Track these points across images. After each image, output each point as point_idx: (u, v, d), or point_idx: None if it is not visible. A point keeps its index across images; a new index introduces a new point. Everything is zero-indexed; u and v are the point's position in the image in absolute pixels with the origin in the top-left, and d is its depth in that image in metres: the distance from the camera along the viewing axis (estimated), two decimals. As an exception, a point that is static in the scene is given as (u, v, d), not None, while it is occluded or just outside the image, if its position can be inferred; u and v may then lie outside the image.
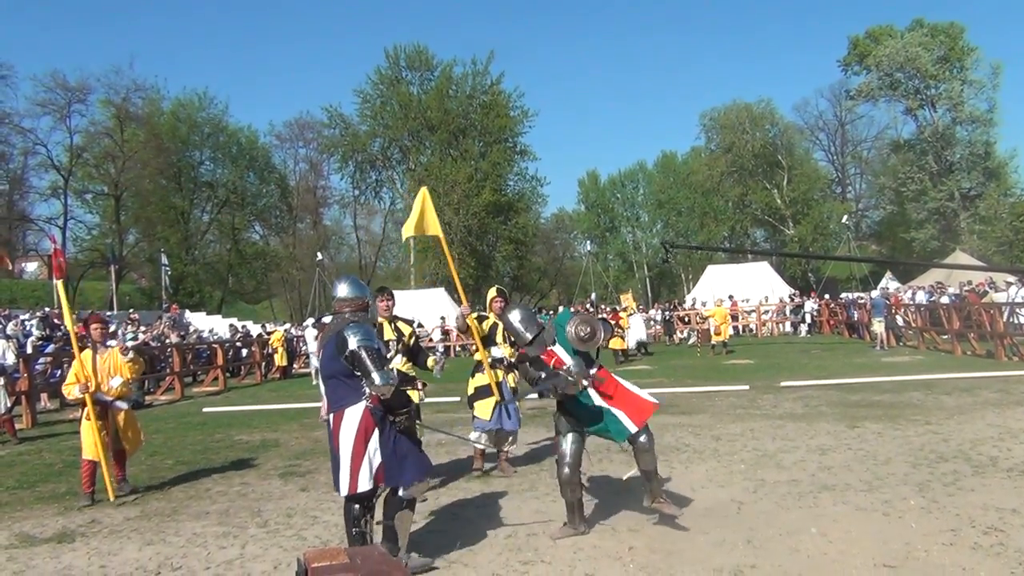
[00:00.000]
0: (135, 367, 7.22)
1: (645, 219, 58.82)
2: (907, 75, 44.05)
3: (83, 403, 6.93)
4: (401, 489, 4.44)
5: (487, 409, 6.96)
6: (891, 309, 21.70)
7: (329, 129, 53.10)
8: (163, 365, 19.78)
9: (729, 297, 27.97)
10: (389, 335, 6.41)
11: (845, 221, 43.99)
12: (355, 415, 4.36)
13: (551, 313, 17.86)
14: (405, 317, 6.91)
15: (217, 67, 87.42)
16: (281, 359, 22.41)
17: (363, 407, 4.38)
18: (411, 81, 51.60)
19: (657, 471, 5.18)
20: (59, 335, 18.78)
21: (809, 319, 30.02)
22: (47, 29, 76.79)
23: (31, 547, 5.46)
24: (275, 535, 5.46)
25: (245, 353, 24.03)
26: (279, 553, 5.02)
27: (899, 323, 22.11)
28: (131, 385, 7.79)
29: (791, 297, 32.73)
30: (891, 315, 21.45)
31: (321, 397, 4.68)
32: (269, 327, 31.03)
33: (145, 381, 17.62)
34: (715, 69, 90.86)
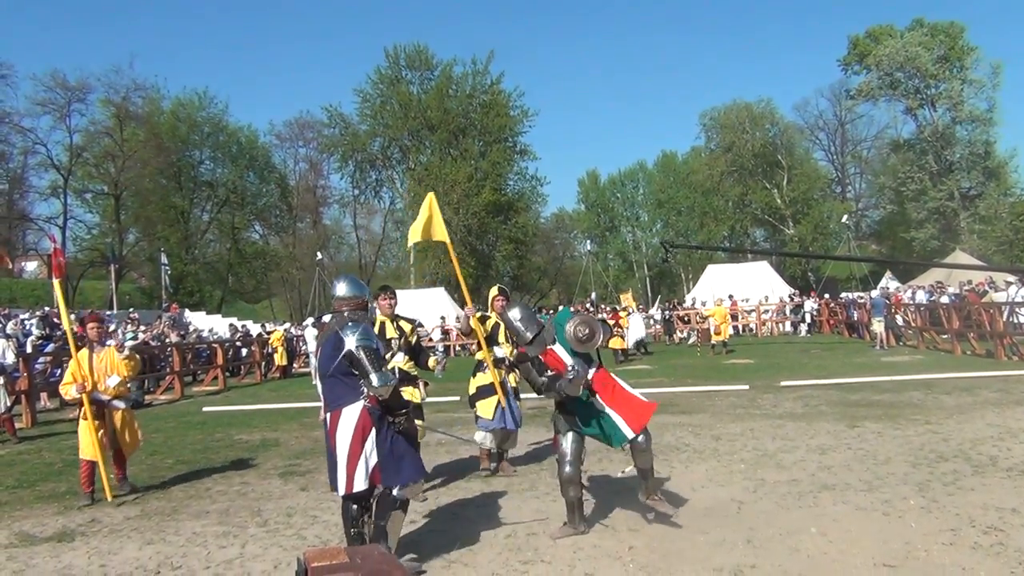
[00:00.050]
0: (131, 364, 7.21)
1: (645, 219, 58.91)
2: (907, 75, 44.07)
3: (81, 403, 6.93)
4: (396, 489, 4.41)
5: (489, 408, 6.95)
6: (891, 309, 21.70)
7: (329, 128, 53.27)
8: (163, 364, 19.78)
9: (729, 297, 27.97)
10: (391, 333, 6.41)
11: (845, 221, 44.02)
12: (352, 414, 4.35)
13: (551, 313, 17.87)
14: (407, 316, 6.91)
15: (217, 66, 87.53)
16: (281, 358, 22.42)
17: (361, 406, 4.36)
18: (411, 81, 51.70)
19: (653, 469, 5.21)
20: (59, 334, 18.77)
21: (809, 319, 30.00)
22: (47, 29, 76.99)
23: (31, 546, 5.46)
24: (275, 534, 5.46)
25: (245, 353, 24.04)
26: (279, 552, 5.02)
27: (899, 323, 22.11)
28: (129, 384, 7.78)
29: (791, 297, 32.71)
30: (891, 315, 21.45)
31: (320, 397, 4.66)
32: (269, 327, 31.05)
33: (145, 380, 17.62)
34: (715, 69, 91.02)
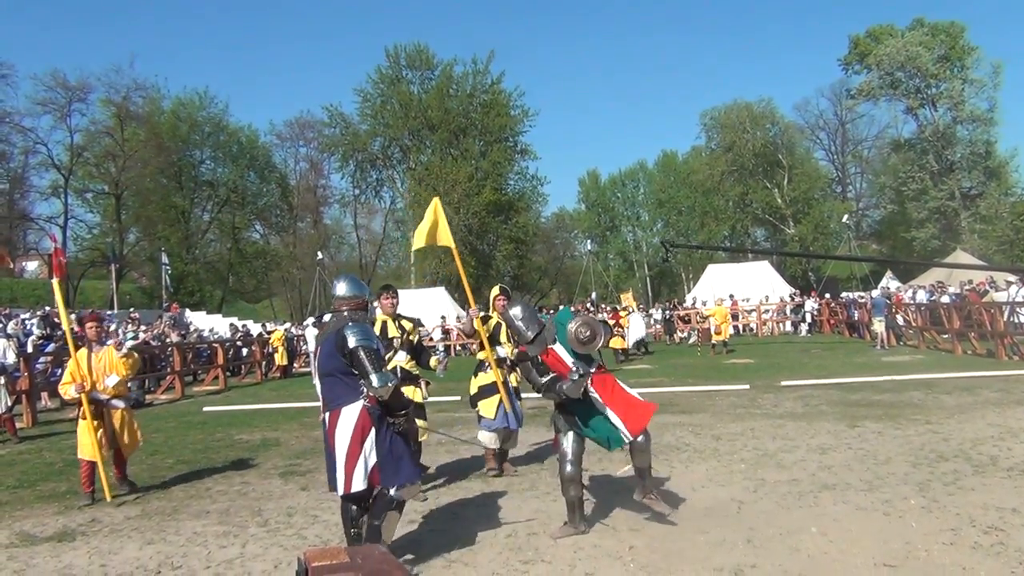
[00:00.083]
0: (129, 363, 7.18)
1: (645, 218, 58.94)
2: (908, 74, 44.03)
3: (79, 402, 6.91)
4: (394, 490, 4.38)
5: (491, 408, 6.95)
6: (891, 308, 21.69)
7: (329, 128, 53.23)
8: (163, 364, 19.78)
9: (729, 296, 27.97)
10: (393, 332, 6.41)
11: (845, 220, 44.01)
12: (352, 414, 4.33)
13: (551, 312, 17.88)
14: (408, 315, 6.90)
15: (217, 66, 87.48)
16: (282, 358, 22.43)
17: (360, 406, 4.34)
18: (411, 80, 51.70)
19: (651, 469, 5.24)
20: (59, 334, 18.76)
21: (809, 318, 29.99)
22: (47, 28, 76.93)
23: (31, 546, 5.46)
24: (275, 534, 5.47)
25: (245, 352, 24.06)
26: (279, 552, 5.03)
27: (899, 322, 22.10)
28: (129, 384, 7.77)
29: (791, 296, 32.69)
30: (891, 314, 21.44)
31: (318, 396, 4.64)
32: (269, 326, 31.07)
33: (145, 380, 17.63)
34: (715, 69, 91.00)
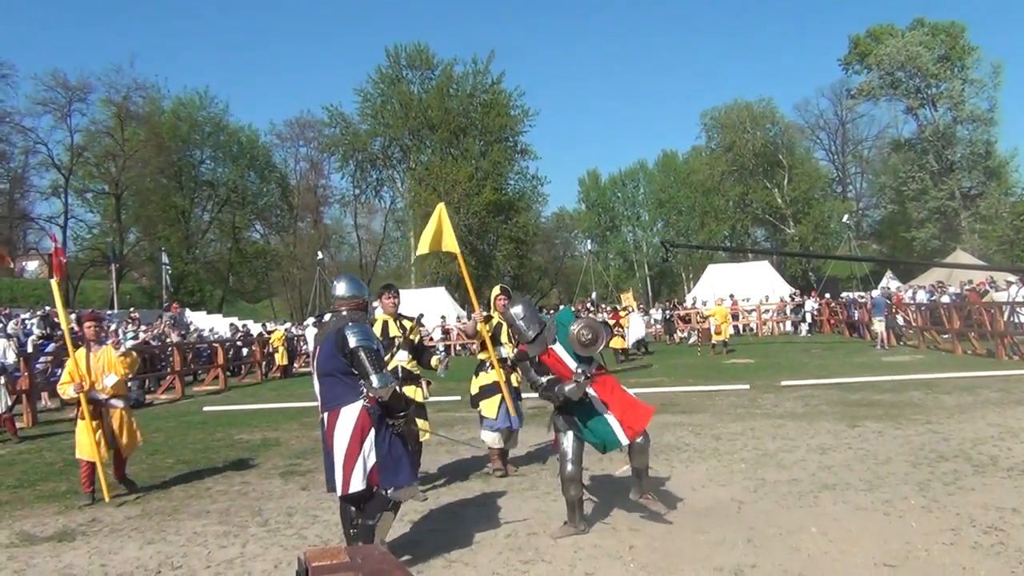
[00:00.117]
0: (127, 362, 7.16)
1: (646, 218, 58.91)
2: (908, 74, 44.02)
3: (78, 403, 6.89)
4: (391, 491, 4.36)
5: (493, 408, 6.94)
6: (892, 308, 21.68)
7: (330, 128, 53.14)
8: (164, 364, 19.78)
9: (730, 296, 27.96)
10: (394, 332, 6.41)
11: (846, 220, 43.98)
12: (352, 414, 4.31)
13: (551, 312, 17.84)
14: (409, 315, 6.89)
15: (217, 66, 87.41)
16: (282, 358, 22.43)
17: (360, 406, 4.32)
18: (412, 80, 51.63)
19: (648, 469, 5.27)
20: (59, 334, 18.76)
21: (809, 318, 29.98)
22: (48, 28, 76.90)
23: (32, 546, 5.47)
24: (276, 534, 5.47)
25: (246, 352, 24.05)
26: (279, 552, 5.03)
27: (900, 322, 22.09)
28: (129, 384, 7.76)
29: (792, 296, 32.68)
30: (891, 314, 21.43)
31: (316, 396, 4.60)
32: (270, 326, 31.05)
33: (146, 380, 17.64)
34: (715, 69, 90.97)
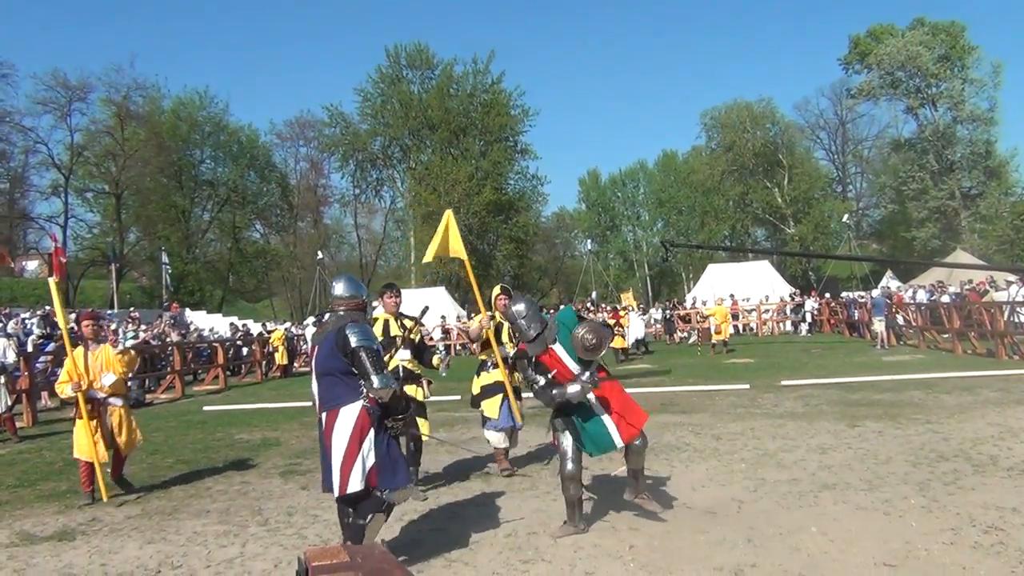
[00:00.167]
0: (126, 360, 7.14)
1: (646, 218, 58.93)
2: (908, 74, 44.00)
3: (76, 402, 6.87)
4: (387, 492, 4.33)
5: (495, 407, 6.93)
6: (892, 308, 21.68)
7: (330, 128, 53.17)
8: (164, 364, 19.79)
9: (730, 296, 27.96)
10: (395, 331, 6.40)
11: (846, 220, 43.99)
12: (351, 414, 4.29)
13: (551, 311, 17.84)
14: (411, 314, 6.88)
15: (218, 66, 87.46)
16: (282, 358, 22.43)
17: (360, 406, 4.30)
18: (412, 80, 51.65)
19: (643, 469, 5.30)
20: (59, 333, 18.76)
21: (810, 318, 29.98)
22: (48, 28, 76.91)
23: (32, 545, 5.47)
24: (276, 534, 5.47)
25: (246, 352, 24.06)
26: (279, 552, 5.03)
27: (900, 322, 22.09)
28: (128, 383, 7.74)
29: (792, 296, 32.69)
30: (891, 314, 21.43)
31: (313, 396, 4.56)
32: (270, 326, 31.06)
33: (146, 380, 17.64)
34: (715, 68, 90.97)
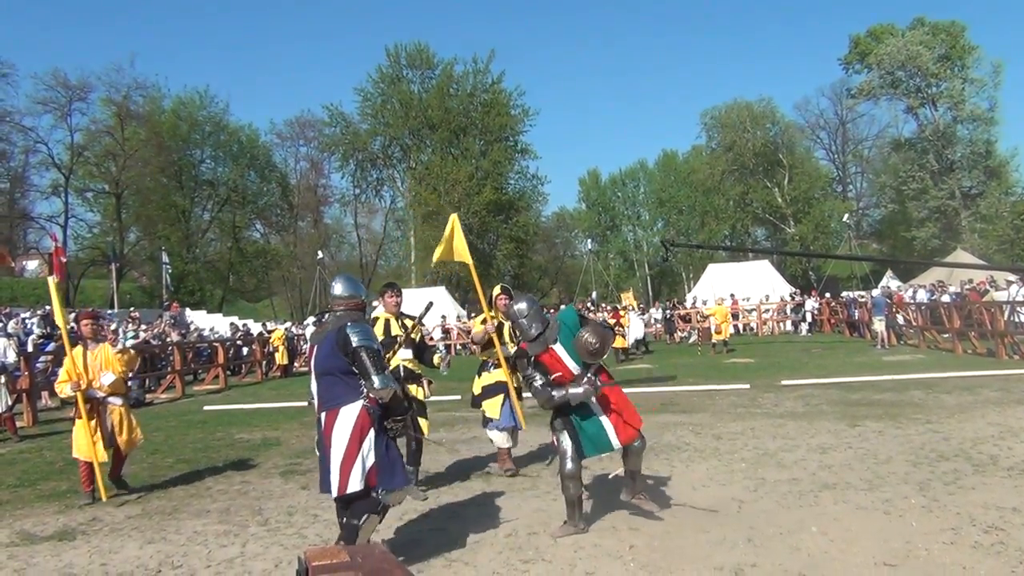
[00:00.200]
0: (125, 359, 7.12)
1: (646, 218, 58.92)
2: (908, 73, 43.99)
3: (76, 401, 6.85)
4: (383, 493, 4.31)
5: (496, 408, 6.91)
6: (892, 308, 21.67)
7: (330, 128, 53.13)
8: (164, 363, 19.78)
9: (730, 296, 27.97)
10: (396, 331, 6.39)
11: (846, 220, 43.99)
12: (351, 414, 4.27)
13: (551, 311, 17.83)
14: (411, 314, 6.87)
15: (218, 66, 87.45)
16: (282, 357, 22.44)
17: (360, 406, 4.28)
18: (412, 80, 51.62)
19: (641, 470, 5.32)
20: (60, 333, 18.76)
21: (810, 318, 29.99)
22: (48, 28, 76.89)
23: (32, 545, 5.47)
24: (276, 533, 5.47)
25: (246, 351, 24.05)
26: (280, 551, 5.03)
27: (900, 322, 22.09)
28: (129, 382, 7.73)
29: (792, 296, 32.69)
30: (892, 314, 21.42)
31: (311, 395, 4.54)
32: (270, 325, 31.06)
33: (146, 379, 17.64)
34: (715, 68, 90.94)
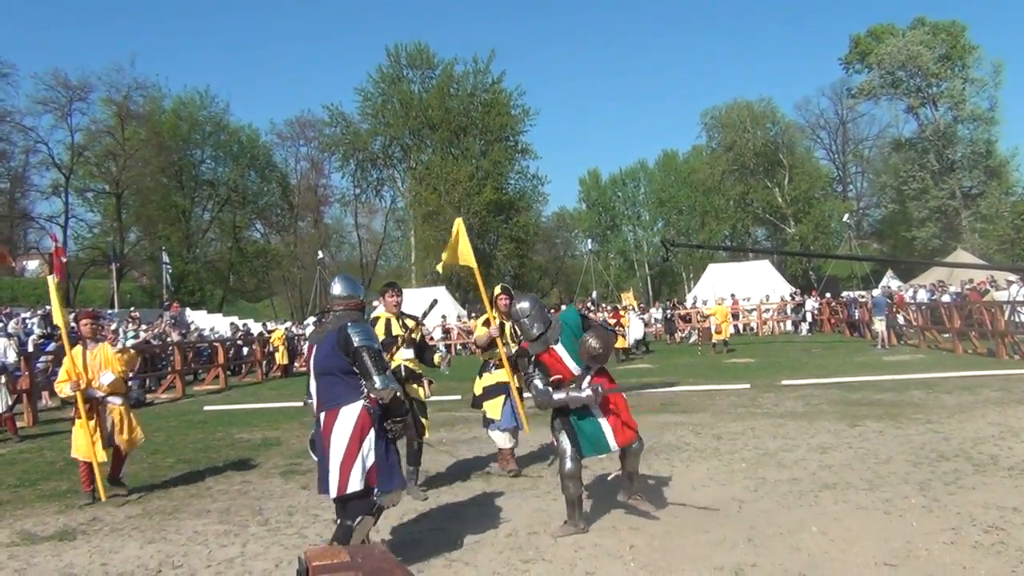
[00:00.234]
0: (125, 359, 7.11)
1: (646, 218, 58.95)
2: (908, 73, 43.99)
3: (75, 401, 6.83)
4: (378, 494, 4.28)
5: (497, 409, 6.90)
6: (892, 308, 21.66)
7: (330, 127, 53.15)
8: (164, 364, 19.78)
9: (730, 296, 27.97)
10: (397, 331, 6.38)
11: (846, 220, 43.97)
12: (352, 414, 4.26)
13: (552, 311, 17.84)
14: (412, 313, 6.87)
15: (218, 65, 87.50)
16: (282, 357, 22.43)
17: (361, 406, 4.27)
18: (412, 79, 51.61)
19: (638, 471, 5.34)
20: (60, 333, 18.76)
21: (810, 318, 29.99)
22: (48, 28, 76.85)
23: (33, 545, 5.47)
24: (276, 533, 5.47)
25: (246, 351, 24.05)
26: (280, 551, 5.03)
27: (900, 322, 22.08)
28: (129, 382, 7.73)
29: (792, 296, 32.69)
30: (892, 314, 21.42)
31: (308, 395, 4.51)
32: (270, 325, 31.06)
33: (146, 379, 17.64)
34: (716, 68, 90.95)
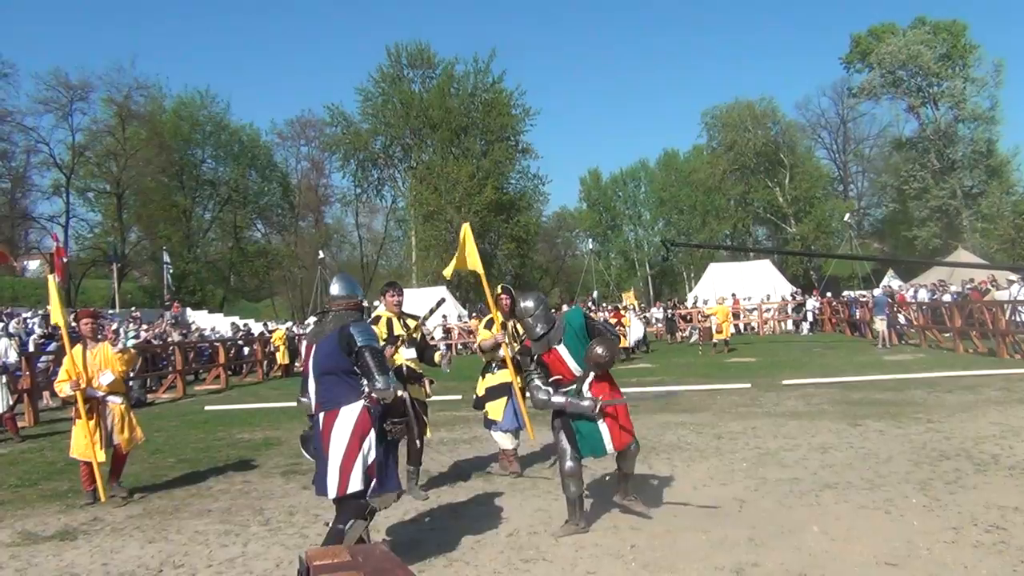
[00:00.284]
0: (125, 358, 7.10)
1: (647, 217, 59.00)
2: (909, 73, 44.01)
3: (74, 401, 6.81)
4: (371, 496, 4.23)
5: (499, 410, 6.88)
6: (893, 307, 21.66)
7: (331, 127, 53.10)
8: (165, 363, 19.79)
9: (731, 295, 27.98)
10: (398, 330, 6.37)
11: (847, 219, 43.98)
12: (352, 413, 4.23)
13: (554, 311, 17.85)
14: (413, 313, 6.86)
15: (219, 65, 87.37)
16: (283, 357, 22.42)
17: (361, 406, 4.24)
18: (413, 79, 51.59)
19: (633, 473, 5.36)
20: (61, 332, 18.76)
21: (811, 317, 29.99)
22: (49, 28, 76.85)
23: (33, 545, 5.47)
24: (277, 533, 5.47)
25: (247, 351, 24.05)
26: (281, 551, 5.03)
27: (901, 321, 22.08)
28: (128, 381, 7.72)
29: (793, 295, 32.70)
30: (893, 313, 21.41)
31: (307, 395, 4.47)
32: (271, 325, 31.09)
33: (147, 379, 17.64)
34: (716, 68, 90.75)
